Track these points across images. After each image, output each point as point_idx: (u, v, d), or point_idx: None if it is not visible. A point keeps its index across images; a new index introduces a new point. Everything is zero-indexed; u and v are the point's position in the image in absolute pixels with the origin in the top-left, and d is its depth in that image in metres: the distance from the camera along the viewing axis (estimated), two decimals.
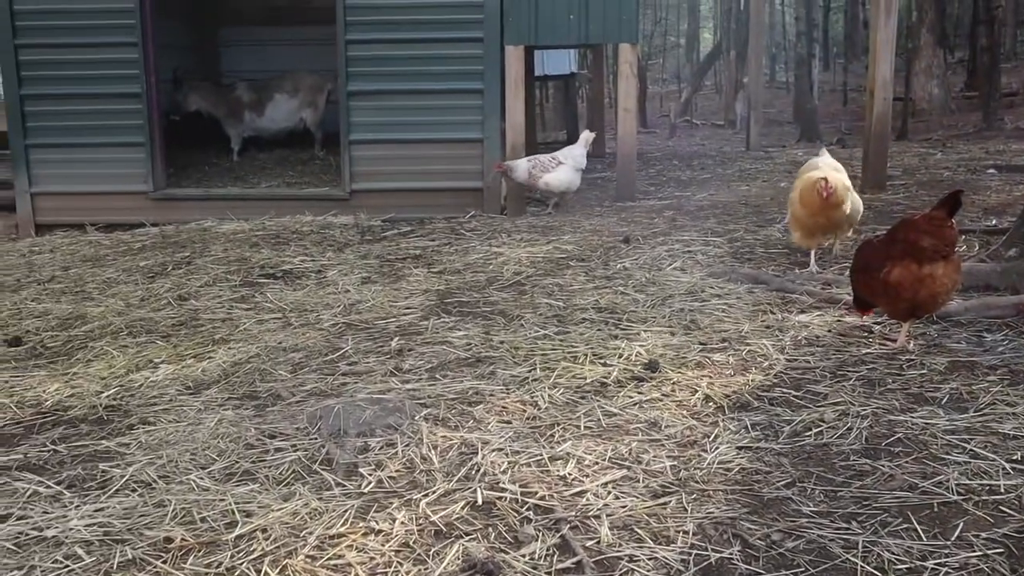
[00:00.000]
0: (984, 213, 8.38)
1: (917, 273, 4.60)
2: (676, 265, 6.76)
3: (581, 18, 9.35)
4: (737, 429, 3.93)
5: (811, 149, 15.23)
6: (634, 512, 3.26)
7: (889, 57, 9.98)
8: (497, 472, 3.58)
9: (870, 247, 4.98)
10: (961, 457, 3.60)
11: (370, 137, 9.41)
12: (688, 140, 18.75)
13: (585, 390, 4.44)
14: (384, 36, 9.34)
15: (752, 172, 12.22)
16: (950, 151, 13.76)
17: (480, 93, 9.32)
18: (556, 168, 9.11)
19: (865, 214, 8.33)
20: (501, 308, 5.89)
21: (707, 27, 41.10)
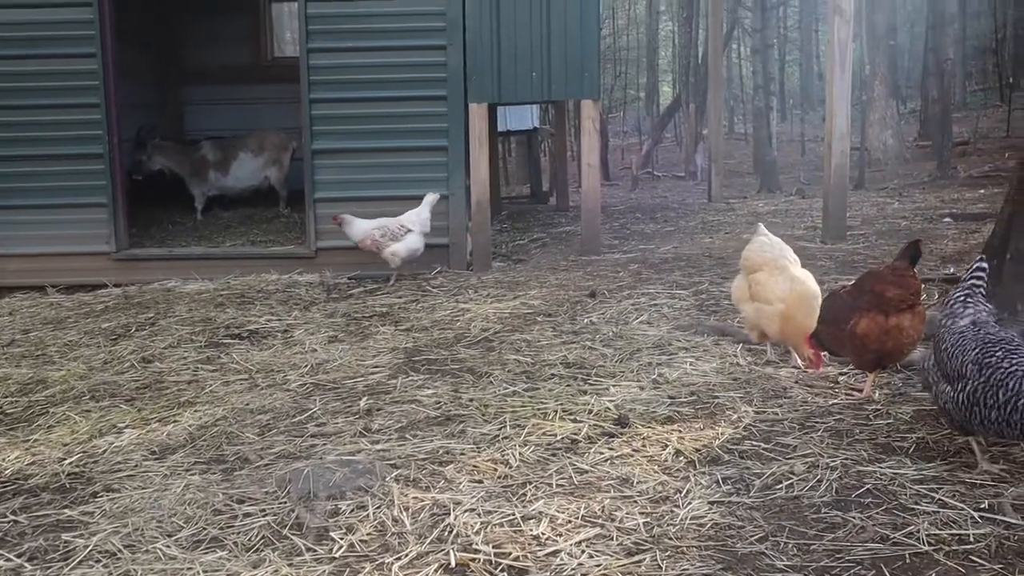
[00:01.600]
0: (942, 261, 8.53)
1: (884, 324, 4.67)
2: (643, 319, 6.80)
3: (544, 76, 9.48)
4: (708, 484, 3.94)
5: (771, 199, 15.49)
6: (608, 571, 3.25)
7: (845, 109, 10.19)
8: (470, 533, 3.55)
9: (836, 299, 5.05)
10: (930, 507, 3.63)
11: (335, 195, 9.42)
12: (651, 192, 18.96)
13: (556, 447, 4.43)
14: (348, 95, 9.39)
15: (715, 224, 12.36)
16: (906, 200, 14.01)
17: (444, 150, 9.38)
18: (404, 236, 8.67)
19: (826, 265, 8.47)
20: (469, 365, 5.88)
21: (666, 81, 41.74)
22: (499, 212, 14.16)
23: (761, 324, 5.58)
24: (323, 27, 9.40)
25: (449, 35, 9.28)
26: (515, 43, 9.42)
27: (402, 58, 9.35)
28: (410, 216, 8.79)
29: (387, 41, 9.35)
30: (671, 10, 35.94)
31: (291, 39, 27.25)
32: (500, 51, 9.40)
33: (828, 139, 10.22)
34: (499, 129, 16.40)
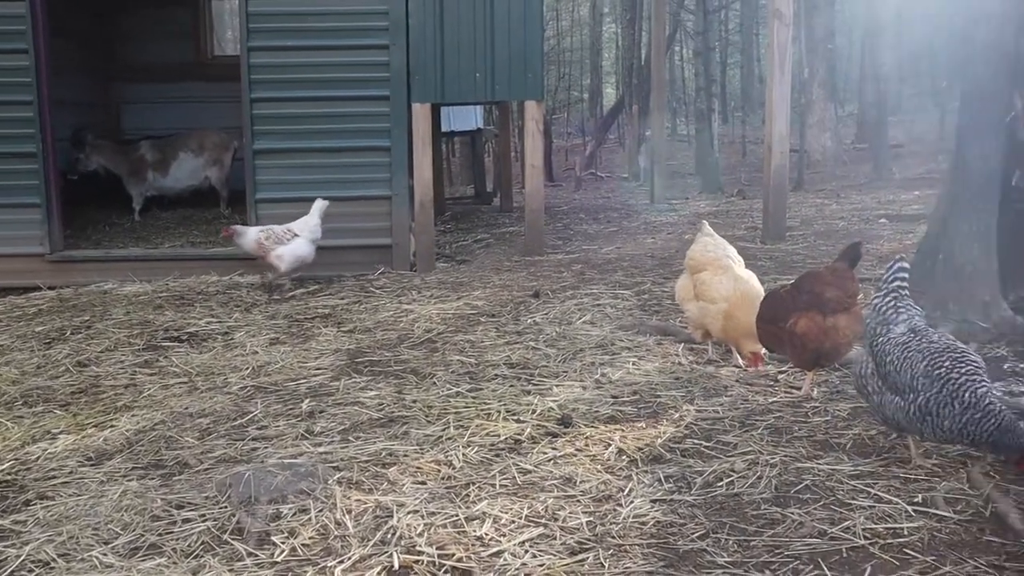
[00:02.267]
0: (878, 262, 8.68)
1: (822, 324, 4.75)
2: (586, 319, 6.84)
3: (487, 76, 9.49)
4: (651, 482, 3.97)
5: (713, 200, 15.68)
6: (552, 570, 3.25)
7: (785, 112, 10.35)
8: (413, 535, 3.53)
9: (776, 299, 5.12)
10: (866, 502, 3.70)
11: (277, 195, 9.33)
12: (594, 193, 19.08)
13: (499, 447, 4.43)
14: (290, 94, 9.31)
15: (657, 224, 12.48)
16: (844, 201, 14.28)
17: (387, 150, 9.34)
18: (291, 241, 8.45)
19: (766, 264, 8.59)
20: (413, 366, 5.85)
21: (609, 82, 42.01)
22: (443, 213, 14.15)
23: (705, 323, 5.64)
24: (264, 25, 9.31)
25: (392, 35, 9.25)
26: (458, 43, 9.42)
27: (345, 57, 9.29)
28: (300, 223, 8.58)
29: (329, 40, 9.29)
30: (615, 12, 36.14)
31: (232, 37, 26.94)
32: (443, 51, 9.38)
33: (768, 141, 10.38)
34: (443, 129, 16.39)
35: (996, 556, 3.24)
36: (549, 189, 19.16)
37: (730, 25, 36.62)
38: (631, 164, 22.11)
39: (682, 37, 29.62)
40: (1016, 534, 3.37)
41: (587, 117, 37.09)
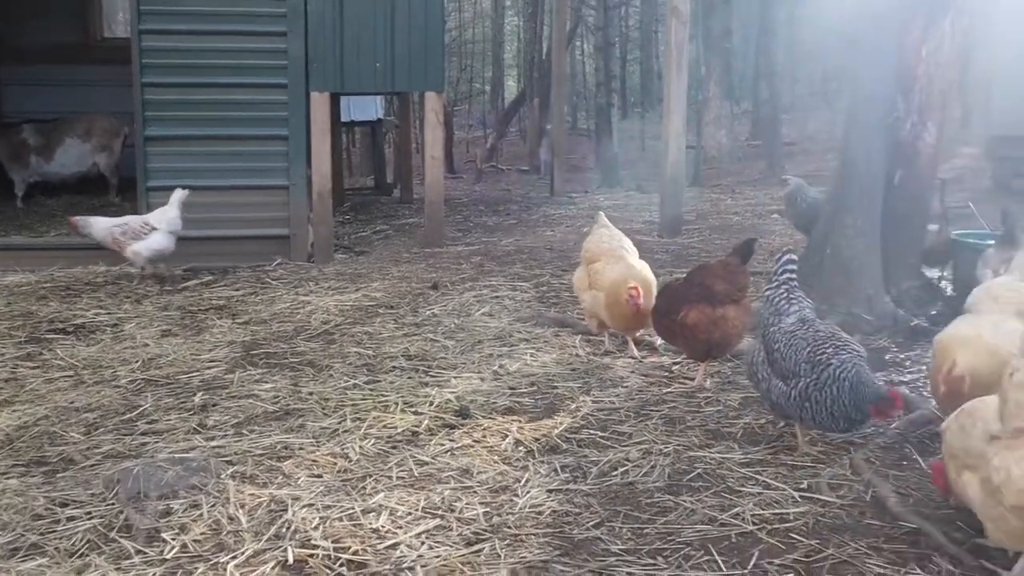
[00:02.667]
0: (770, 256, 8.92)
1: (712, 316, 4.86)
2: (484, 310, 6.86)
3: (387, 67, 9.40)
4: (547, 472, 4.01)
5: (612, 194, 15.87)
6: (448, 561, 3.26)
7: (682, 109, 10.54)
8: (308, 528, 3.49)
9: (669, 291, 5.22)
10: (755, 488, 3.81)
11: (170, 183, 8.99)
12: (495, 186, 19.09)
13: (397, 440, 4.42)
14: (184, 80, 9.05)
15: (556, 217, 12.57)
16: (739, 197, 14.63)
17: (285, 139, 9.17)
18: (149, 235, 8.10)
19: (663, 258, 8.75)
20: (309, 358, 5.78)
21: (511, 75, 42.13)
22: (342, 203, 13.97)
23: (598, 311, 5.71)
24: (156, 7, 9.02)
25: (290, 21, 9.07)
26: (358, 33, 9.30)
27: (241, 43, 9.08)
28: (157, 215, 8.26)
29: (225, 25, 9.07)
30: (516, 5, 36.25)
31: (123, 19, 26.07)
32: (343, 40, 9.25)
33: (665, 137, 10.56)
34: (342, 119, 16.18)
35: (875, 538, 3.38)
36: (450, 181, 19.11)
37: (630, 21, 37.09)
38: (532, 157, 22.22)
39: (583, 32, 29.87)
40: (894, 516, 3.51)
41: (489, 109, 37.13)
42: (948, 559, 3.20)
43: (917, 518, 3.46)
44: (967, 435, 3.11)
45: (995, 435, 2.97)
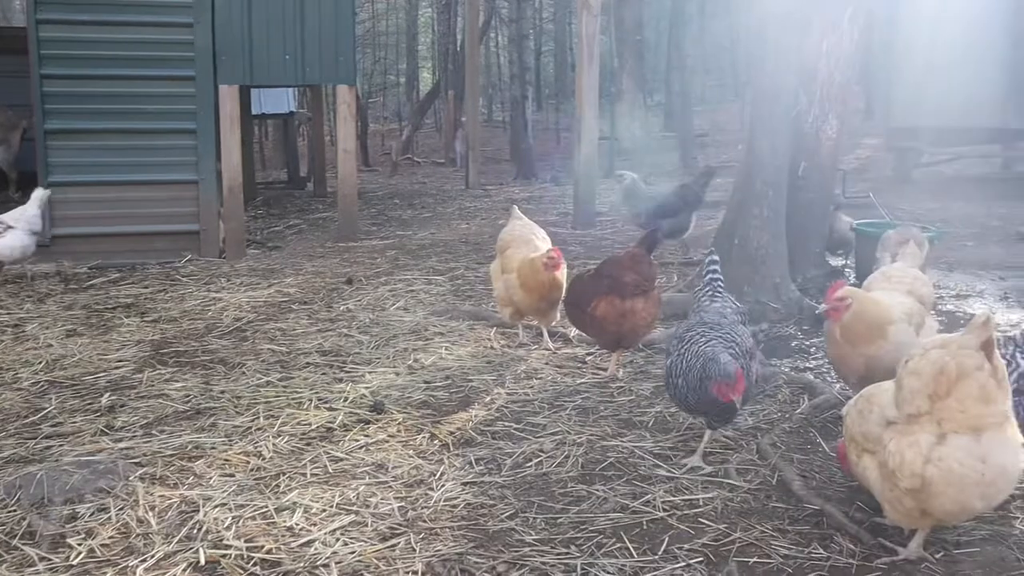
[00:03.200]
0: (681, 247, 9.08)
1: (620, 307, 4.93)
2: (399, 305, 6.84)
3: (297, 59, 9.29)
4: (462, 465, 4.03)
5: (527, 186, 15.95)
6: (363, 557, 3.26)
7: (594, 101, 10.65)
8: (221, 529, 3.45)
9: (580, 283, 5.28)
10: (666, 476, 3.89)
11: (73, 179, 8.80)
12: (410, 178, 19.03)
13: (311, 436, 4.39)
14: (85, 72, 8.79)
15: (472, 210, 12.59)
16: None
17: (193, 133, 8.99)
18: (4, 233, 7.75)
19: (576, 249, 8.83)
20: (221, 356, 5.69)
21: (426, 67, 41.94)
22: (254, 198, 13.77)
23: (512, 294, 5.72)
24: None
25: (196, 12, 8.89)
26: (268, 24, 9.17)
27: (145, 34, 8.86)
28: (15, 213, 7.92)
29: (128, 15, 8.84)
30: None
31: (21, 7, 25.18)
32: (252, 32, 9.11)
33: (578, 129, 10.66)
34: (253, 112, 15.93)
35: (781, 521, 3.49)
36: (364, 174, 18.99)
37: (544, 13, 37.26)
38: (447, 149, 22.20)
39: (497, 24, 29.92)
40: (798, 499, 3.63)
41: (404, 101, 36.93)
42: (849, 538, 3.32)
43: (820, 500, 3.57)
44: (865, 420, 3.22)
45: (891, 420, 3.09)
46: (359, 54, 30.93)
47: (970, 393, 2.89)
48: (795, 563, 3.18)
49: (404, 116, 32.94)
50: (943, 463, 2.90)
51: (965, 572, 3.09)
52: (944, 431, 2.93)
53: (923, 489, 2.95)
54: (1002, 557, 3.18)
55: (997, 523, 3.40)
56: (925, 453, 2.93)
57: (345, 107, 9.75)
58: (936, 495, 2.94)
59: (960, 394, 2.90)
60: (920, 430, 2.96)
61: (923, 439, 2.94)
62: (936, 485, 2.92)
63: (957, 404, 2.91)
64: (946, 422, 2.93)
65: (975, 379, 2.88)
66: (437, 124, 30.59)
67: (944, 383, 2.92)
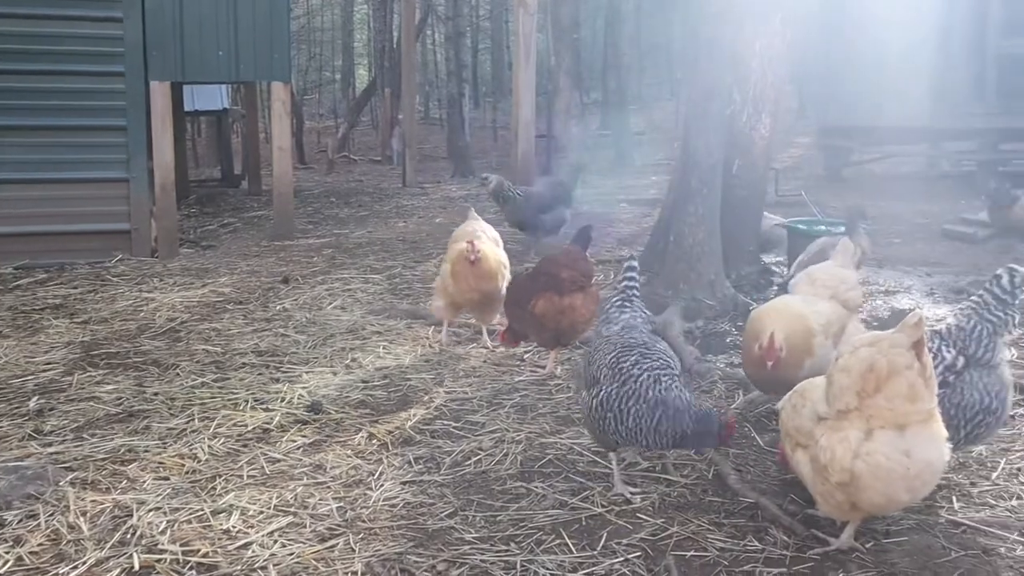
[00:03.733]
0: (618, 243, 9.18)
1: (559, 304, 4.96)
2: (336, 304, 6.79)
3: (231, 56, 9.15)
4: (401, 464, 4.02)
5: (465, 184, 15.94)
6: (301, 558, 3.23)
7: (530, 99, 10.69)
8: (155, 533, 3.40)
9: (519, 281, 5.30)
10: (604, 472, 3.92)
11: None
12: (346, 176, 18.89)
13: (247, 438, 4.33)
14: (10, 67, 8.54)
15: (409, 208, 12.55)
16: (588, 186, 14.86)
17: (124, 130, 8.80)
18: None
19: (516, 248, 8.85)
20: (154, 357, 5.59)
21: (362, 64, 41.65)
22: (187, 196, 13.56)
23: (447, 285, 5.68)
24: None
25: (126, 6, 8.70)
26: (200, 20, 9.02)
27: (71, 28, 8.65)
28: None
29: (54, 8, 8.62)
30: None
31: None
32: (183, 27, 8.95)
33: (515, 127, 10.69)
34: (186, 109, 15.68)
35: (717, 514, 3.54)
36: (300, 172, 18.81)
37: (481, 11, 37.25)
38: (384, 147, 22.08)
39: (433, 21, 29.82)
40: (734, 493, 3.68)
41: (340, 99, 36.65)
42: (783, 530, 3.38)
43: (755, 493, 3.64)
44: (798, 415, 3.28)
45: (822, 416, 3.15)
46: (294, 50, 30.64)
47: (899, 391, 2.97)
48: (731, 555, 3.23)
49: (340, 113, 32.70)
50: (871, 458, 2.97)
51: (893, 560, 3.17)
52: (872, 427, 3.00)
53: (852, 483, 3.02)
54: (928, 545, 3.27)
55: (924, 513, 3.49)
56: (854, 448, 3.00)
57: (280, 104, 9.64)
58: (864, 489, 3.01)
59: (889, 392, 2.97)
60: (850, 426, 3.03)
61: (852, 435, 3.01)
62: (864, 479, 2.99)
63: (886, 401, 2.98)
64: (874, 418, 3.00)
65: (904, 377, 2.96)
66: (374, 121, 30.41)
67: (873, 381, 2.98)
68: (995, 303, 3.59)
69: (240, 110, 18.84)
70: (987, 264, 8.04)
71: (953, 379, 3.49)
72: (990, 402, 3.52)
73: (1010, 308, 3.59)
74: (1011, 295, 3.58)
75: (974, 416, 3.50)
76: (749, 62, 6.61)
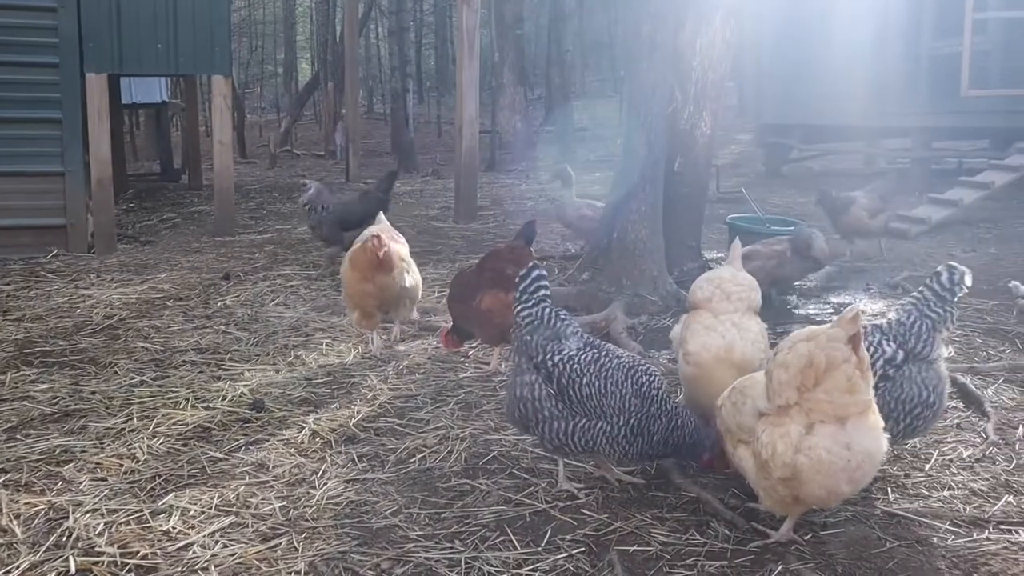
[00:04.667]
0: (562, 239, 9.21)
1: (505, 300, 4.95)
2: (279, 301, 6.73)
3: (170, 48, 9.00)
4: (345, 462, 3.99)
5: (408, 180, 15.88)
6: (243, 559, 3.20)
7: (474, 95, 10.67)
8: (92, 535, 3.33)
9: (463, 277, 5.30)
10: (549, 468, 3.93)
11: None
12: (289, 171, 18.69)
13: (188, 437, 4.27)
14: None
15: None
16: (533, 181, 14.99)
17: (58, 123, 8.61)
18: None
19: (458, 243, 8.84)
20: (91, 355, 5.49)
21: (305, 57, 41.24)
22: (125, 190, 13.32)
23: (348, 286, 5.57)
24: None
25: None
26: (138, 11, 8.86)
27: (4, 18, 8.45)
28: None
29: None
30: None
31: None
32: (120, 18, 8.78)
33: (459, 123, 10.66)
34: (124, 101, 15.39)
35: (660, 509, 3.57)
36: (241, 166, 18.58)
37: (424, 5, 37.10)
38: (327, 142, 21.89)
39: (377, 15, 29.64)
40: (677, 488, 3.72)
41: (282, 92, 36.26)
42: (724, 524, 3.43)
43: (697, 488, 3.68)
44: (739, 411, 3.31)
45: (763, 411, 3.19)
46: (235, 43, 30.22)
47: (838, 384, 3.02)
48: (673, 549, 3.26)
49: (282, 107, 32.34)
50: (813, 452, 3.02)
51: (831, 552, 3.23)
52: (812, 421, 3.05)
53: (794, 477, 3.07)
54: (865, 536, 3.34)
55: (860, 504, 3.56)
56: (795, 443, 3.05)
57: (220, 98, 9.50)
58: (807, 483, 3.06)
59: (828, 385, 3.03)
60: (790, 421, 3.08)
61: (793, 430, 3.06)
62: (806, 473, 3.04)
63: (825, 395, 3.03)
64: (814, 412, 3.05)
65: (842, 371, 3.01)
66: (317, 116, 30.10)
67: (812, 375, 3.03)
68: (935, 299, 3.66)
69: (180, 103, 18.53)
70: (921, 260, 8.23)
71: (893, 372, 3.56)
72: (928, 396, 3.59)
73: (949, 305, 3.66)
74: (950, 292, 3.65)
75: (913, 409, 3.57)
76: (690, 60, 6.68)
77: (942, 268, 3.72)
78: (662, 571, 3.14)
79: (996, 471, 3.89)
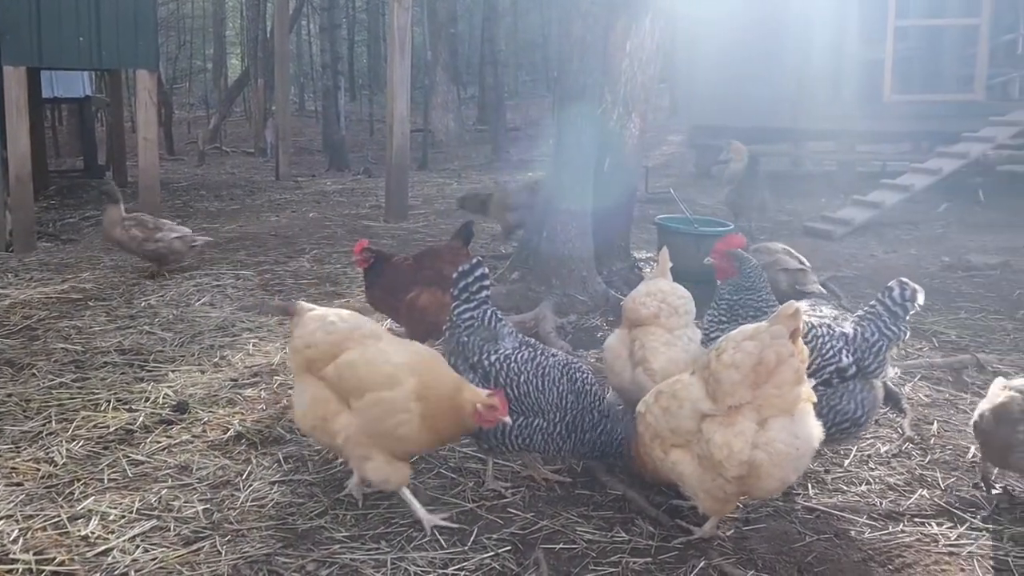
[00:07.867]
0: (492, 240, 9.22)
1: (442, 299, 4.94)
2: (205, 300, 6.62)
3: (93, 41, 8.79)
4: (270, 464, 3.95)
5: (340, 178, 15.73)
6: (165, 563, 3.15)
7: (405, 93, 10.61)
8: (6, 542, 3.25)
9: (396, 269, 5.25)
10: (477, 468, 3.94)
11: None
12: (218, 168, 18.38)
13: (109, 439, 4.19)
14: None
15: (282, 202, 12.30)
16: (464, 181, 14.95)
17: None
18: None
19: (389, 243, 8.79)
20: (8, 357, 5.34)
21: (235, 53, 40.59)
22: (46, 187, 12.98)
23: None
24: None
25: None
26: (59, 2, 8.63)
27: None
28: None
29: None
30: None
31: None
32: (40, 10, 8.55)
33: (390, 121, 10.60)
34: (45, 95, 14.99)
35: (586, 507, 3.60)
36: (169, 163, 18.24)
37: (357, 3, 36.83)
38: (258, 139, 21.59)
39: (308, 12, 29.32)
40: (603, 486, 3.76)
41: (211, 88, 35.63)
42: (649, 521, 3.47)
43: (622, 486, 3.71)
44: (674, 416, 3.27)
45: (707, 413, 3.18)
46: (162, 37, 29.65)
47: (787, 378, 3.08)
48: (599, 547, 3.29)
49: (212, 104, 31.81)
50: (771, 446, 3.08)
51: (752, 547, 3.30)
52: (764, 416, 3.10)
53: (751, 473, 3.10)
54: (785, 531, 3.41)
55: (781, 500, 3.63)
56: (751, 440, 3.08)
57: (146, 93, 9.32)
58: (763, 477, 3.10)
59: (778, 379, 3.08)
60: (743, 419, 3.10)
61: (747, 427, 3.09)
62: (764, 467, 3.08)
63: (776, 390, 3.09)
64: (765, 408, 3.10)
65: (790, 365, 3.07)
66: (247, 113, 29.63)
67: (764, 372, 3.08)
68: (888, 316, 3.66)
69: (104, 98, 18.11)
70: (844, 260, 8.42)
71: (837, 383, 3.59)
72: (860, 415, 3.64)
73: (902, 323, 3.67)
74: (902, 308, 3.66)
75: (842, 423, 3.61)
76: (620, 62, 6.73)
77: (894, 283, 3.72)
78: (587, 569, 3.17)
79: (911, 466, 4.01)
